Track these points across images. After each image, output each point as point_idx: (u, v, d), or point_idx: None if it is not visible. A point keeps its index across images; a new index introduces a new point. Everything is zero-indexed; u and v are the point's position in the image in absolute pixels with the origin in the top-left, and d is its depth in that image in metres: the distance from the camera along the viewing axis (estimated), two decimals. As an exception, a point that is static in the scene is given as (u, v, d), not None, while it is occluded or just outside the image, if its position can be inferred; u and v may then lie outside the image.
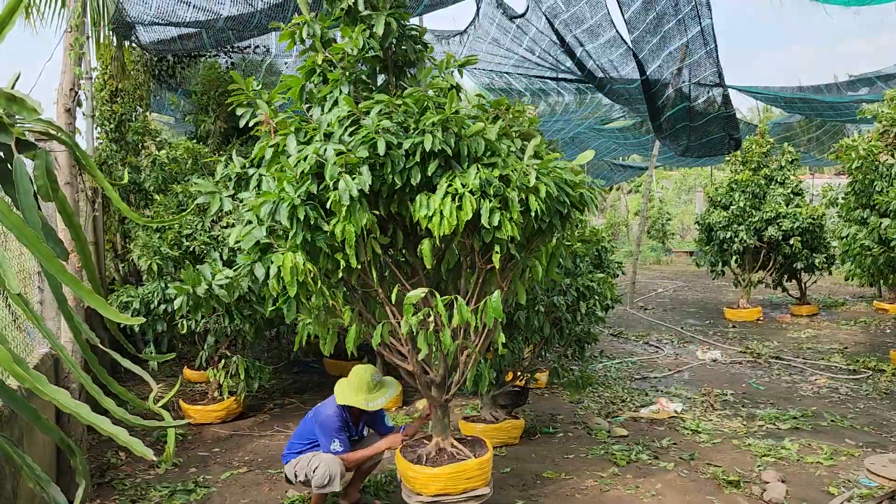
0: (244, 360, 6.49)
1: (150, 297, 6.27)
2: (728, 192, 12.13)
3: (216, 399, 6.65)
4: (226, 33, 7.35)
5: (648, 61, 7.96)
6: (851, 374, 8.35)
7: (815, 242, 11.84)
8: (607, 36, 8.00)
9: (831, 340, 10.39)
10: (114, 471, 5.36)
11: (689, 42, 7.72)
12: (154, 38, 7.93)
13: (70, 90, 4.88)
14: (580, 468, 5.40)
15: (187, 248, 6.38)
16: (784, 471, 5.25)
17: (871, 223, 8.19)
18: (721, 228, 11.98)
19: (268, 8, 6.26)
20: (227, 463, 5.62)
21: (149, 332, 6.43)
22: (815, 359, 9.18)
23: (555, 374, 6.17)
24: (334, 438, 4.29)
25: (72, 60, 4.85)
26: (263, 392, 7.59)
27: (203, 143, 7.64)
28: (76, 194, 5.06)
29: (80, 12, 4.75)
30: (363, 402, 4.29)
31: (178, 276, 6.34)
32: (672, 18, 6.96)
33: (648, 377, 8.44)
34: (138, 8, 6.80)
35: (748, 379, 8.27)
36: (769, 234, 11.62)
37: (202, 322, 6.35)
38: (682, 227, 29.68)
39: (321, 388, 7.86)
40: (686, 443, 6.00)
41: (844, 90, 12.37)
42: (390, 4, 4.07)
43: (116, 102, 9.01)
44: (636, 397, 7.47)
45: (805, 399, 7.40)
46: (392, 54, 4.12)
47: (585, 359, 6.66)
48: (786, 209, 11.62)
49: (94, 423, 1.85)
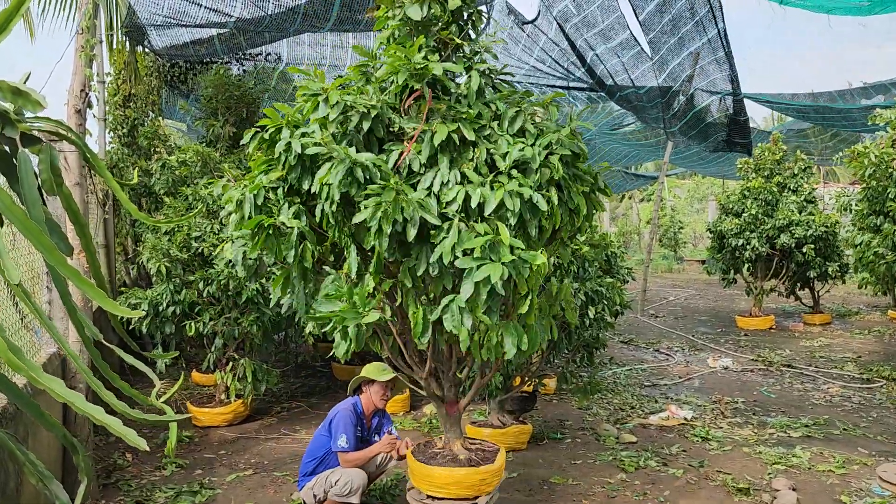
0: (251, 362, 6.49)
1: (159, 299, 6.29)
2: (740, 199, 12.05)
3: (223, 402, 6.65)
4: (237, 39, 7.40)
5: (666, 62, 7.93)
6: (865, 384, 8.24)
7: (828, 251, 11.74)
8: (620, 38, 7.99)
9: (844, 349, 10.28)
10: (120, 472, 5.36)
11: (703, 46, 7.71)
12: (166, 42, 8.01)
13: (81, 91, 4.91)
14: (588, 474, 5.34)
15: (196, 249, 6.40)
16: (795, 479, 5.18)
17: (885, 230, 8.10)
18: (733, 236, 11.89)
19: (279, 12, 6.29)
20: (232, 465, 5.61)
21: (157, 334, 6.45)
22: (827, 367, 9.08)
23: (563, 380, 6.12)
24: (342, 434, 4.33)
25: (83, 62, 4.88)
26: (271, 395, 7.59)
27: (213, 146, 7.68)
28: (86, 196, 5.08)
29: (90, 14, 4.78)
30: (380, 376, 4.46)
31: (187, 279, 6.36)
32: (689, 21, 6.93)
33: (658, 384, 8.37)
34: (149, 9, 6.86)
35: (759, 387, 8.19)
36: (781, 241, 11.52)
37: (210, 324, 6.36)
38: (694, 236, 29.56)
39: (328, 393, 7.85)
40: (696, 450, 5.93)
41: (858, 97, 12.29)
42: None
43: (129, 107, 9.09)
44: (646, 404, 7.41)
45: (817, 407, 7.31)
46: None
47: (594, 365, 6.62)
48: (798, 217, 11.52)
49: (89, 413, 1.84)
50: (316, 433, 4.60)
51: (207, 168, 6.77)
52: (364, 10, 6.32)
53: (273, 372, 6.68)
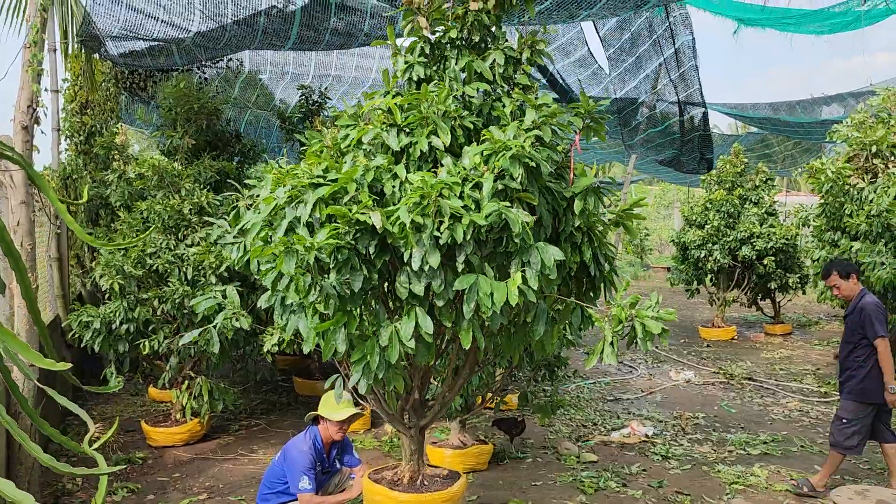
0: (208, 381, 6.36)
1: (112, 317, 6.11)
2: (703, 211, 12.18)
3: (179, 421, 6.50)
4: (197, 49, 7.25)
5: (625, 80, 7.98)
6: (822, 397, 8.36)
7: (788, 262, 11.93)
8: (578, 54, 8.01)
9: (804, 361, 10.42)
10: (68, 497, 5.19)
11: (666, 61, 7.75)
12: (124, 50, 7.80)
13: (28, 107, 4.76)
14: (547, 496, 5.31)
15: (151, 266, 6.25)
16: (752, 499, 5.21)
17: (843, 246, 8.21)
18: (696, 247, 12.02)
19: (237, 26, 6.17)
20: (186, 489, 5.47)
21: (110, 353, 6.27)
22: (787, 380, 9.19)
23: (524, 399, 6.09)
24: (303, 475, 4.20)
25: (30, 77, 4.72)
26: (229, 413, 7.44)
27: (172, 157, 7.50)
28: (33, 214, 4.92)
29: (38, 28, 4.63)
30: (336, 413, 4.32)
31: (141, 296, 6.20)
32: (647, 39, 6.97)
33: (621, 399, 8.39)
34: (105, 20, 6.69)
35: (720, 401, 8.25)
36: (743, 253, 11.67)
37: (165, 342, 6.21)
38: (660, 242, 29.83)
39: (289, 409, 7.72)
40: (656, 469, 5.94)
41: (819, 106, 12.51)
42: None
43: (86, 114, 8.86)
44: (608, 420, 7.41)
45: (776, 423, 7.38)
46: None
47: (557, 380, 6.59)
48: (759, 229, 11.68)
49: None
50: (273, 463, 4.48)
51: (164, 182, 6.61)
52: (323, 29, 6.24)
53: (230, 391, 6.55)
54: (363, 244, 3.18)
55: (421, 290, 3.20)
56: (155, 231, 6.32)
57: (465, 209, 3.12)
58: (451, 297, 3.28)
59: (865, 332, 5.25)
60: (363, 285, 3.22)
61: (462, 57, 3.77)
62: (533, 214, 3.40)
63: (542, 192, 3.45)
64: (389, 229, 3.10)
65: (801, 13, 6.50)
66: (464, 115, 3.57)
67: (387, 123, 3.54)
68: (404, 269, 3.25)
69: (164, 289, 6.14)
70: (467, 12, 3.77)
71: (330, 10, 5.93)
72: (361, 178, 3.33)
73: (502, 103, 3.74)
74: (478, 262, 3.22)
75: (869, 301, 5.35)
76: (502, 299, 3.08)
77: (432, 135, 3.45)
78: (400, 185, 3.35)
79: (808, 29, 6.98)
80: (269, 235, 3.49)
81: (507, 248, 3.24)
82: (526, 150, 3.20)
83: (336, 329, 3.36)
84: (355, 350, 3.34)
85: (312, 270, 3.15)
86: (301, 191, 3.36)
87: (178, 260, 6.28)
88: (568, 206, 3.56)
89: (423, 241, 3.08)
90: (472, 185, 3.24)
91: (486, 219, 3.06)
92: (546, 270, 3.19)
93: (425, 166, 3.50)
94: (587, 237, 3.66)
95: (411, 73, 3.81)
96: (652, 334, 3.47)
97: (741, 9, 6.25)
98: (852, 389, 5.29)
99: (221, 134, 8.21)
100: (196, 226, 6.50)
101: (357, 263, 3.19)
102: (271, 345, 6.10)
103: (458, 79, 3.77)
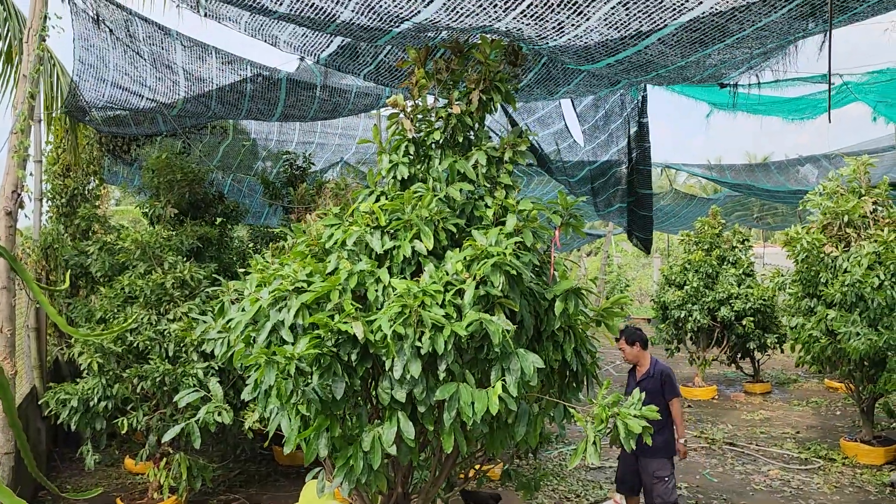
0: (187, 458, 6.27)
1: (90, 395, 6.04)
2: (682, 271, 12.35)
3: (156, 500, 6.38)
4: (181, 119, 7.32)
5: (597, 154, 8.19)
6: (803, 464, 8.39)
7: (766, 322, 12.07)
8: (556, 127, 8.23)
9: (784, 424, 10.47)
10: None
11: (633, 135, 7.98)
12: (107, 116, 7.85)
13: (13, 192, 4.77)
14: (530, 581, 5.26)
15: (131, 343, 6.20)
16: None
17: (819, 313, 8.35)
18: (676, 307, 12.15)
19: (221, 108, 6.26)
20: (162, 576, 5.35)
21: (87, 430, 6.18)
22: (768, 444, 9.22)
23: (506, 477, 6.05)
24: None
25: (15, 163, 4.75)
26: (207, 488, 7.29)
27: (154, 225, 7.50)
28: (13, 300, 4.90)
29: (25, 116, 4.68)
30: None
31: (120, 373, 6.14)
32: (618, 117, 7.20)
33: (604, 466, 8.36)
34: (91, 94, 6.75)
35: (702, 469, 8.25)
36: (722, 314, 11.81)
37: (144, 419, 6.14)
38: (640, 293, 30.03)
39: (269, 481, 7.61)
40: (638, 548, 5.90)
41: (793, 167, 12.82)
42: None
43: (69, 177, 8.86)
44: (590, 491, 7.38)
45: (757, 493, 7.38)
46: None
47: (540, 454, 6.58)
48: (738, 290, 11.85)
49: None
50: None
51: (146, 255, 6.60)
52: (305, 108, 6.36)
53: (209, 467, 6.45)
54: (345, 351, 3.21)
55: (403, 396, 3.23)
56: (137, 306, 6.29)
57: (447, 317, 3.17)
58: (433, 403, 3.30)
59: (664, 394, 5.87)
60: (345, 391, 3.24)
61: (445, 157, 3.86)
62: (514, 319, 3.45)
63: (524, 294, 3.51)
64: (371, 339, 3.14)
65: (770, 100, 6.77)
66: (447, 218, 3.64)
67: (371, 226, 3.60)
68: (386, 374, 3.27)
69: (144, 366, 6.09)
70: (450, 115, 3.87)
71: (314, 102, 6.08)
72: (345, 282, 3.37)
73: (485, 202, 3.83)
74: (458, 370, 3.26)
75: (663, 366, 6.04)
76: (483, 408, 3.11)
77: (416, 239, 3.51)
78: (383, 289, 3.40)
79: (776, 114, 7.24)
80: (251, 337, 3.51)
81: (487, 356, 3.28)
82: (507, 258, 3.27)
83: (318, 434, 3.36)
84: (339, 455, 3.34)
85: (294, 378, 3.17)
86: (285, 294, 3.40)
87: (159, 336, 6.24)
88: (549, 307, 3.62)
89: (404, 351, 3.12)
90: (455, 291, 3.29)
91: (466, 329, 3.11)
92: (526, 377, 3.23)
93: (408, 269, 3.55)
94: (568, 335, 3.72)
95: (395, 172, 3.89)
96: (634, 434, 3.49)
97: (714, 94, 6.50)
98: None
99: (204, 196, 8.23)
100: (178, 300, 6.49)
101: (339, 370, 3.21)
102: (252, 422, 6.07)
103: (442, 179, 3.86)
